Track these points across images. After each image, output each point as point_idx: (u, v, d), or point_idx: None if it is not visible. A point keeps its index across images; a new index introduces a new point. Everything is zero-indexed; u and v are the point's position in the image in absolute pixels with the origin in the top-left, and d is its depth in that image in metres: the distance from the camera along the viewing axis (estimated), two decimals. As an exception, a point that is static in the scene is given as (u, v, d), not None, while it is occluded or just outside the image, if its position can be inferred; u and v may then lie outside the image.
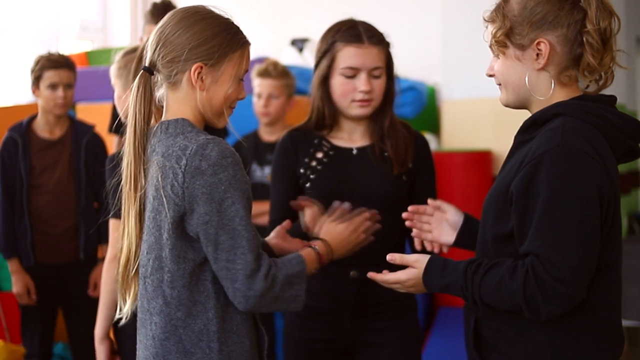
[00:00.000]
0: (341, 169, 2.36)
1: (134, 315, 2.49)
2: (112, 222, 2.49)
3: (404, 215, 2.17)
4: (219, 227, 1.73)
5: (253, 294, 1.73)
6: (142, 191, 1.84)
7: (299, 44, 5.50)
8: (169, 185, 1.75)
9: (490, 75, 1.93)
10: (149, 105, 1.85)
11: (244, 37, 1.87)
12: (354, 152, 2.39)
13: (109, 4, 6.23)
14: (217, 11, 1.88)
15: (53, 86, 3.49)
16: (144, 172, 1.83)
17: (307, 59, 5.37)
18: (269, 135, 3.81)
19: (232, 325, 1.81)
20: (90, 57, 5.43)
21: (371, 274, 1.94)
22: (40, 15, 5.55)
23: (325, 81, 2.36)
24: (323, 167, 2.37)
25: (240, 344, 1.82)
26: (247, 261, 1.72)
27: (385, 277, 1.92)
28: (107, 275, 2.49)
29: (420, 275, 1.87)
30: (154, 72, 1.86)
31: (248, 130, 3.88)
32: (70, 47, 5.72)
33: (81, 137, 3.58)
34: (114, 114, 3.83)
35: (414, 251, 2.07)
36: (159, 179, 1.77)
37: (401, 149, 2.36)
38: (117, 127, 3.77)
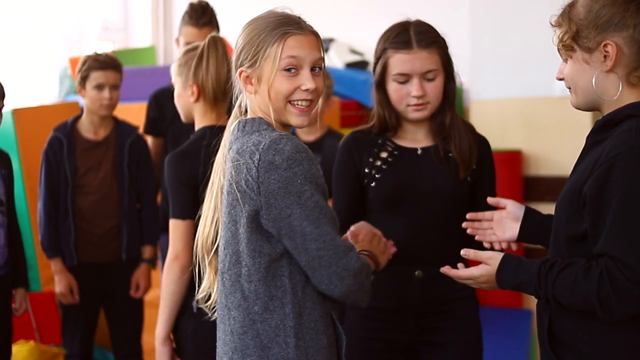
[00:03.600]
0: (406, 168, 2.38)
1: (193, 315, 2.52)
2: (173, 223, 2.50)
3: (464, 224, 2.22)
4: (302, 219, 1.75)
5: (348, 273, 1.76)
6: (219, 187, 1.92)
7: (324, 44, 5.49)
8: (243, 181, 1.79)
9: (560, 79, 1.95)
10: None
11: (286, 28, 1.87)
12: (419, 152, 2.41)
13: (129, 4, 6.22)
14: (277, 10, 1.92)
15: (99, 87, 3.49)
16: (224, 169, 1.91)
17: (332, 59, 5.37)
18: (306, 136, 3.82)
19: (309, 321, 1.83)
20: (115, 57, 5.43)
21: (444, 269, 1.96)
22: (63, 17, 5.55)
23: (381, 87, 2.38)
24: (389, 167, 2.38)
25: (317, 340, 1.84)
26: (336, 245, 1.75)
27: (459, 272, 1.95)
28: (168, 276, 2.50)
29: (493, 272, 1.90)
30: None
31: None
32: (93, 48, 5.71)
33: (125, 138, 3.59)
34: (149, 114, 3.84)
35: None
36: (233, 175, 1.82)
37: (465, 149, 2.38)
38: (152, 127, 3.81)
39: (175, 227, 2.49)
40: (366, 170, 2.40)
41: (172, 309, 2.50)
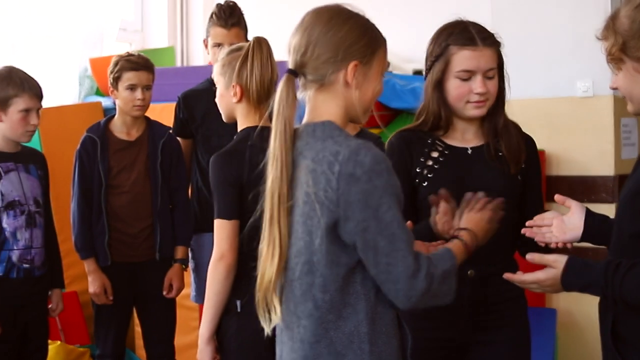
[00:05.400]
0: (458, 168, 2.39)
1: (237, 315, 2.53)
2: (218, 223, 2.51)
3: (523, 230, 2.20)
4: (377, 233, 1.73)
5: (415, 293, 1.74)
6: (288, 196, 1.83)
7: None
8: (322, 191, 1.75)
9: (614, 89, 1.98)
10: (292, 108, 1.85)
11: (380, 33, 1.91)
12: (469, 151, 2.42)
13: (146, 5, 6.22)
14: (350, 8, 1.90)
15: (132, 88, 3.50)
16: (288, 176, 1.82)
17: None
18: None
19: (381, 325, 1.82)
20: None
21: (508, 275, 1.96)
22: (82, 18, 5.56)
23: (439, 84, 2.38)
24: (440, 166, 2.39)
25: (389, 344, 1.84)
26: (407, 264, 1.73)
27: (523, 277, 1.95)
28: (213, 276, 2.50)
29: (558, 275, 1.91)
30: (299, 75, 1.87)
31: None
32: (112, 49, 5.73)
33: (158, 138, 3.59)
34: (177, 116, 3.84)
35: (537, 251, 2.08)
36: (310, 184, 1.77)
37: (515, 148, 2.40)
38: (181, 129, 3.81)
39: (221, 227, 2.49)
40: (417, 170, 2.39)
41: (217, 308, 2.50)
